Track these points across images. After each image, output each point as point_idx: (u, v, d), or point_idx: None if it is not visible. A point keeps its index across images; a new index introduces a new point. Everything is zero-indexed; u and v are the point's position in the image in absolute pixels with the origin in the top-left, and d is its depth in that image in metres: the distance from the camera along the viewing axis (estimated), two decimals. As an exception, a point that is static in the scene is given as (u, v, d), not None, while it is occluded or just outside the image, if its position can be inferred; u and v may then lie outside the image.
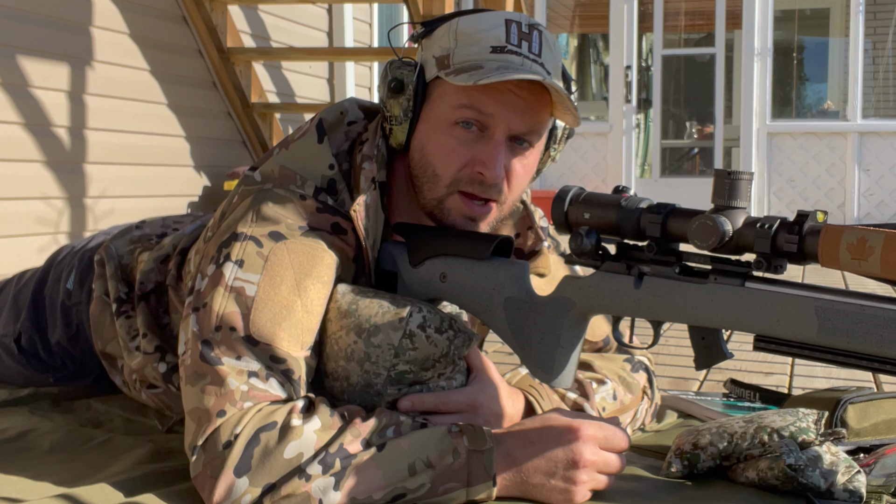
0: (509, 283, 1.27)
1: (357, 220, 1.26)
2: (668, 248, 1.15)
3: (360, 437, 1.13)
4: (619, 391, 1.42)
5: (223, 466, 1.10)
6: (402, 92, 1.31)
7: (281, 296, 1.20)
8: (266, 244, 1.23)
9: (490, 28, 1.28)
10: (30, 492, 1.22)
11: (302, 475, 1.09)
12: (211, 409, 1.14)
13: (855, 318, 1.01)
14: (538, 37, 1.29)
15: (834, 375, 2.12)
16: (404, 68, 1.32)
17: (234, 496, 1.09)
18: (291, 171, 1.31)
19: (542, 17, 8.41)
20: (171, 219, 1.73)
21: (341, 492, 1.10)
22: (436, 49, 1.31)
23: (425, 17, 3.68)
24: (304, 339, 1.21)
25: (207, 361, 1.17)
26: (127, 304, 1.56)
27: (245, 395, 1.14)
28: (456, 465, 1.13)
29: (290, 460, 1.10)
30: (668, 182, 8.34)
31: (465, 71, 1.26)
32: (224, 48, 4.16)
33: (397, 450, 1.13)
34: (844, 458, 1.24)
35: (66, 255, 1.75)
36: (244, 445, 1.10)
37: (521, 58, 1.27)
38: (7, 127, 3.17)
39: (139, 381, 1.52)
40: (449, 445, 1.14)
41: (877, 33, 8.59)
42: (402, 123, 1.32)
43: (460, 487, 1.13)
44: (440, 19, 1.33)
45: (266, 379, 1.16)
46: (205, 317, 1.20)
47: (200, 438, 1.13)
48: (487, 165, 1.29)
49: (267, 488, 1.09)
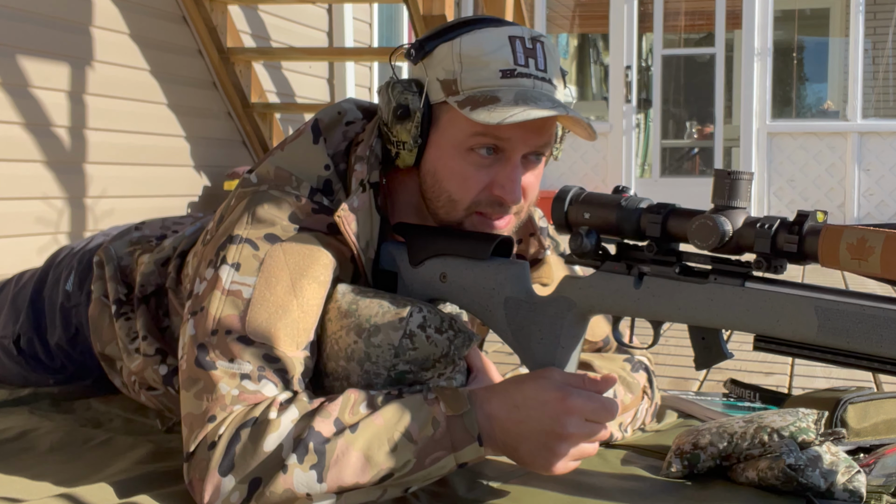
0: (509, 283, 1.27)
1: (343, 225, 1.25)
2: (668, 249, 1.15)
3: (331, 416, 1.11)
4: (619, 391, 1.42)
5: (208, 467, 1.10)
6: (409, 118, 1.28)
7: (277, 296, 1.20)
8: (262, 246, 1.23)
9: (495, 49, 1.25)
10: (30, 492, 1.22)
11: (283, 468, 1.08)
12: (202, 415, 1.14)
13: (855, 318, 1.01)
14: (541, 50, 1.28)
15: (834, 375, 2.12)
16: (407, 92, 1.28)
17: (223, 495, 1.09)
18: (287, 172, 1.31)
19: (542, 16, 8.41)
20: (171, 220, 1.73)
21: (326, 483, 1.09)
22: (439, 71, 1.27)
23: (425, 16, 3.67)
24: (300, 338, 1.20)
25: (201, 366, 1.17)
26: (126, 306, 1.55)
27: (235, 400, 1.14)
28: (437, 434, 1.11)
29: (270, 453, 1.09)
30: (668, 182, 8.34)
31: (481, 104, 1.22)
32: (224, 48, 4.16)
33: (373, 427, 1.11)
34: (844, 458, 1.24)
35: (65, 257, 1.75)
36: (226, 444, 1.10)
37: (531, 80, 1.25)
38: (7, 127, 3.17)
39: (138, 383, 1.52)
40: (427, 415, 1.12)
41: (877, 33, 8.59)
42: (411, 150, 1.30)
43: (447, 454, 1.12)
44: (436, 35, 1.29)
45: (258, 380, 1.16)
46: (201, 321, 1.20)
47: (192, 444, 1.13)
48: (507, 189, 1.29)
49: (254, 484, 1.08)
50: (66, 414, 1.64)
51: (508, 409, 1.14)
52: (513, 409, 1.14)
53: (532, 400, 1.13)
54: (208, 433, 1.12)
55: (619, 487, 1.23)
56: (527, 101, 1.22)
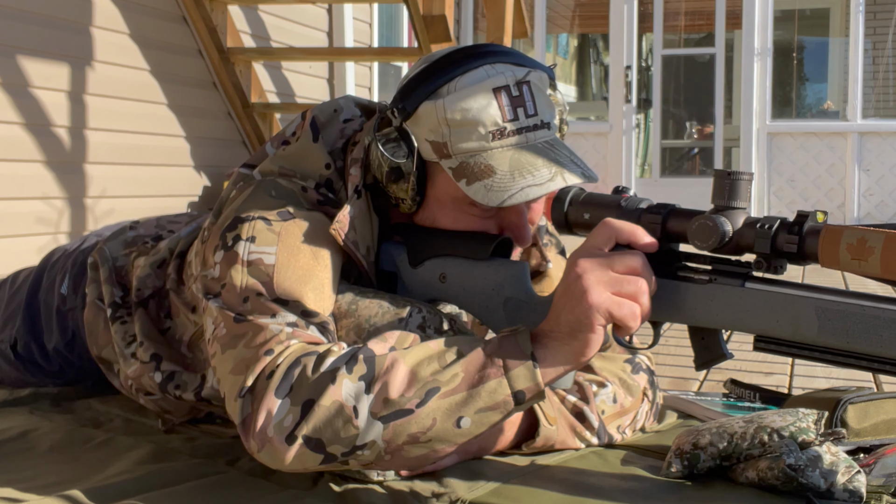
0: (509, 284, 1.27)
1: (338, 236, 1.24)
2: (668, 249, 1.15)
3: (387, 341, 1.13)
4: (619, 394, 1.42)
5: (265, 393, 1.08)
6: (403, 179, 1.26)
7: (301, 262, 1.20)
8: (275, 222, 1.23)
9: (481, 108, 1.21)
10: (30, 492, 1.22)
11: (332, 380, 1.07)
12: (258, 353, 1.12)
13: (855, 318, 1.01)
14: (528, 91, 1.24)
15: (834, 375, 2.12)
16: (398, 151, 1.24)
17: (277, 419, 1.07)
18: (291, 171, 1.31)
19: (542, 17, 8.41)
20: (166, 219, 1.71)
21: (373, 395, 1.07)
22: (426, 132, 1.24)
23: (425, 16, 3.67)
24: (325, 304, 1.20)
25: (245, 321, 1.16)
26: (122, 309, 1.53)
27: (290, 335, 1.14)
28: (489, 349, 1.10)
29: (324, 372, 1.08)
30: (668, 182, 8.34)
31: (477, 176, 1.20)
32: (224, 48, 4.16)
33: (424, 349, 1.11)
34: (844, 458, 1.24)
35: (59, 258, 1.73)
36: (286, 369, 1.09)
37: (523, 134, 1.22)
38: (7, 127, 3.17)
39: (136, 388, 1.50)
40: (477, 339, 1.12)
41: (877, 33, 8.59)
42: (410, 207, 1.29)
43: (498, 375, 1.08)
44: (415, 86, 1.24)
45: (307, 327, 1.16)
46: (229, 295, 1.19)
47: (250, 379, 1.11)
48: (517, 235, 1.30)
49: (306, 406, 1.07)
50: (66, 414, 1.64)
51: (549, 321, 1.12)
52: (552, 318, 1.12)
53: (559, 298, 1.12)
54: (267, 364, 1.11)
55: (619, 487, 1.23)
56: (522, 168, 1.20)
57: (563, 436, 1.36)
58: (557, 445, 1.36)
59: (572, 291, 1.10)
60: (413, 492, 1.20)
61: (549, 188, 1.20)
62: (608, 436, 1.41)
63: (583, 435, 1.38)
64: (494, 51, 1.27)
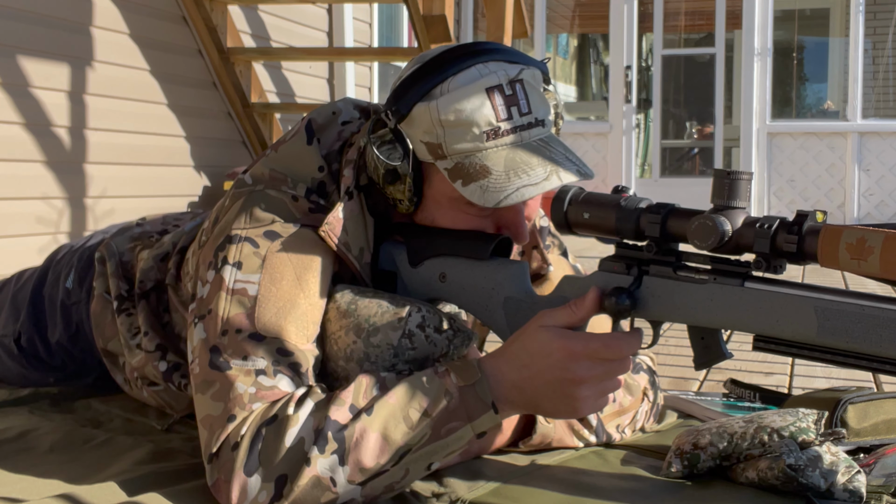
0: (509, 283, 1.27)
1: (329, 237, 1.24)
2: (668, 248, 1.15)
3: (346, 403, 1.12)
4: (618, 393, 1.42)
5: (233, 468, 1.10)
6: (400, 180, 1.26)
7: (283, 291, 1.20)
8: (262, 244, 1.23)
9: (475, 109, 1.20)
10: (30, 492, 1.22)
11: (306, 461, 1.09)
12: (222, 416, 1.14)
13: (855, 318, 1.01)
14: (522, 90, 1.23)
15: (834, 375, 2.12)
16: (393, 153, 1.24)
17: (251, 496, 1.09)
18: (281, 175, 1.30)
19: (542, 16, 8.41)
20: (172, 216, 1.73)
21: (349, 466, 1.09)
22: (421, 134, 1.23)
23: (425, 16, 3.67)
24: (309, 331, 1.21)
25: (216, 367, 1.17)
26: (128, 302, 1.56)
27: (253, 398, 1.14)
28: (451, 405, 1.12)
29: (292, 448, 1.09)
30: (668, 182, 8.34)
31: (473, 177, 1.20)
32: (224, 48, 4.17)
33: (387, 407, 1.11)
34: (844, 458, 1.24)
35: (65, 255, 1.75)
36: (249, 444, 1.10)
37: (517, 133, 1.22)
38: (7, 127, 3.17)
39: (140, 378, 1.52)
40: (439, 388, 1.12)
41: (877, 33, 8.59)
42: (408, 207, 1.28)
43: (463, 425, 1.12)
44: (409, 87, 1.24)
45: (274, 375, 1.16)
46: (210, 323, 1.20)
47: (214, 446, 1.13)
48: (514, 233, 1.30)
49: (280, 482, 1.09)
50: (66, 414, 1.64)
51: (518, 369, 1.14)
52: (522, 368, 1.14)
53: (537, 355, 1.13)
54: (230, 433, 1.12)
55: (619, 487, 1.23)
56: (517, 168, 1.20)
57: (561, 433, 1.36)
58: (555, 443, 1.37)
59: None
60: (413, 492, 1.20)
61: (544, 187, 1.20)
62: (607, 434, 1.41)
63: (581, 433, 1.38)
64: (486, 49, 1.26)
